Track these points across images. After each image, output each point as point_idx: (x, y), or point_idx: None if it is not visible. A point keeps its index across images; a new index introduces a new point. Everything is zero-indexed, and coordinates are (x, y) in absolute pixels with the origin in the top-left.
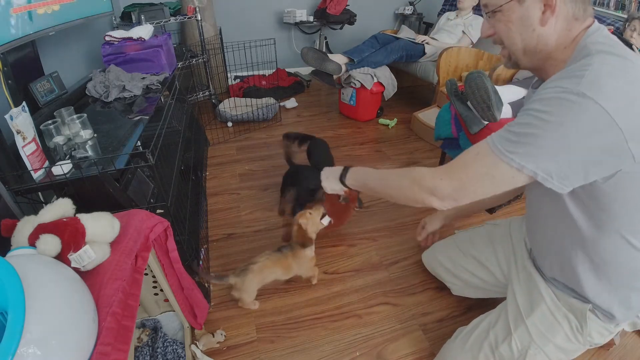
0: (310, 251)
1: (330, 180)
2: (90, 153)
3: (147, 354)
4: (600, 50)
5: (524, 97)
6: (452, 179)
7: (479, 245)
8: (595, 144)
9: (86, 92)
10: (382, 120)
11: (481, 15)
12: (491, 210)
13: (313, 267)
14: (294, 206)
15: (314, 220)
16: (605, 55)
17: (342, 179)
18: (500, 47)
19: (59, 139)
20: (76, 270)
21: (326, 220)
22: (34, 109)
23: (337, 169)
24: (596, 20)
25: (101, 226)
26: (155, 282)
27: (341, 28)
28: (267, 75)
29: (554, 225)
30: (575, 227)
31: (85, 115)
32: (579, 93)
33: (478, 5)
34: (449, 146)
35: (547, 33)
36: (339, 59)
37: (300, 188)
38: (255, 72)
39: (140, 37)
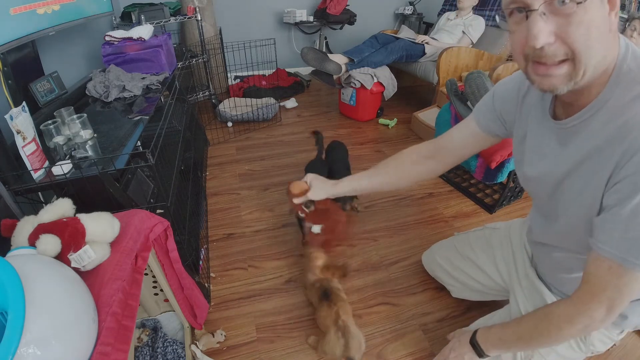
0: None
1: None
2: (90, 153)
3: (147, 354)
4: None
5: None
6: (601, 303)
7: (477, 249)
8: None
9: (86, 92)
10: (382, 120)
11: (481, 15)
12: (491, 210)
13: None
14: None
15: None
16: None
17: (479, 353)
18: (520, 60)
19: (59, 139)
20: (76, 270)
21: (316, 228)
22: (34, 109)
23: (466, 338)
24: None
25: (101, 226)
26: (155, 282)
27: (341, 28)
28: (267, 75)
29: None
30: None
31: (85, 115)
32: None
33: (478, 5)
34: None
35: (612, 43)
36: (339, 59)
37: None
38: (255, 72)
39: (140, 37)
